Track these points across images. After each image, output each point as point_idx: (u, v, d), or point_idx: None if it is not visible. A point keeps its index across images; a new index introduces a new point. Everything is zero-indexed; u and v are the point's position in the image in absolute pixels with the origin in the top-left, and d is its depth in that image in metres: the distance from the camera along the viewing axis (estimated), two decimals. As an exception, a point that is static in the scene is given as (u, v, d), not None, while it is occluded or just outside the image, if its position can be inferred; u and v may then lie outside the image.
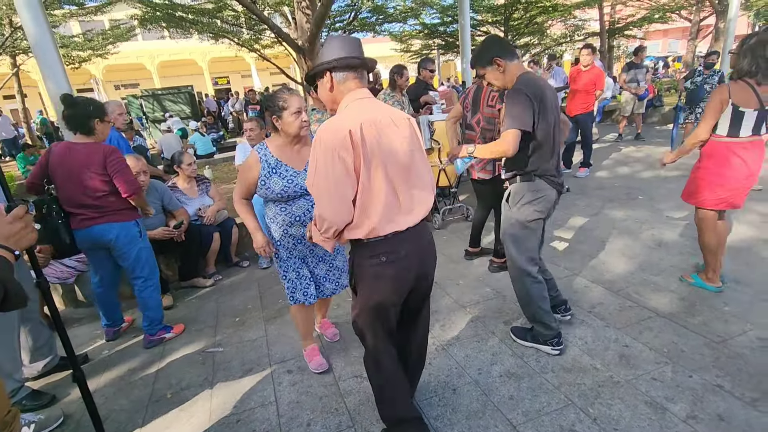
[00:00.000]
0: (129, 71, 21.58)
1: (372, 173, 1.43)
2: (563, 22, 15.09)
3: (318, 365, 2.36)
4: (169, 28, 10.60)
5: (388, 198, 1.46)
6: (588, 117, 5.59)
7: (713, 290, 2.71)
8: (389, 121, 1.48)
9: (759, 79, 2.31)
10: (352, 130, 1.37)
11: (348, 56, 1.49)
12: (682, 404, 1.87)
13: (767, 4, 15.13)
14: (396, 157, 1.47)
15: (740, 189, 2.54)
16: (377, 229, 1.47)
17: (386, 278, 1.53)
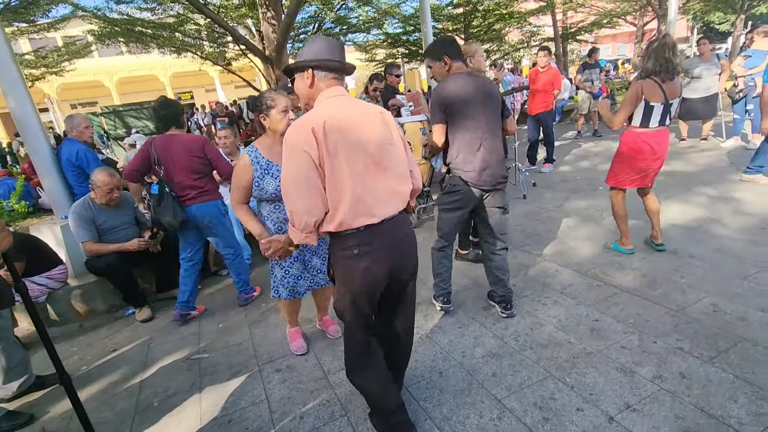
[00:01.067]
0: (86, 89, 20.77)
1: (336, 167, 1.45)
2: (520, 29, 15.75)
3: (298, 347, 2.53)
4: (128, 44, 10.37)
5: (356, 191, 1.47)
6: (549, 115, 5.89)
7: (627, 252, 3.21)
8: (359, 117, 1.51)
9: (663, 77, 2.70)
10: (314, 127, 1.41)
11: (332, 59, 1.55)
12: (649, 367, 2.03)
13: (702, 7, 16.37)
14: (364, 151, 1.49)
15: (651, 170, 3.01)
16: (346, 222, 1.48)
17: (358, 270, 1.55)
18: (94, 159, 3.59)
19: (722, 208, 3.81)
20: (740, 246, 3.09)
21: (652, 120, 2.82)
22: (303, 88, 1.61)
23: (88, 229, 3.13)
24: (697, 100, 6.04)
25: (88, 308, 3.45)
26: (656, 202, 3.18)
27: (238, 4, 9.67)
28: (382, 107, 1.64)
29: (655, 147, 2.89)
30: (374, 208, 1.52)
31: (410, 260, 1.72)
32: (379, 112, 1.61)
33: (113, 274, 3.21)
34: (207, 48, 11.20)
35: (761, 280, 2.62)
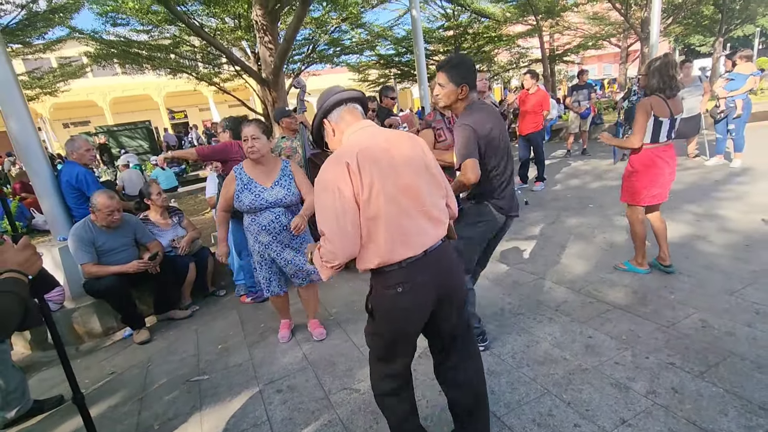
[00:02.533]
0: (79, 108, 20.82)
1: (373, 200, 1.39)
2: (509, 51, 16.24)
3: (281, 336, 2.97)
4: (123, 65, 10.50)
5: (394, 222, 1.41)
6: (539, 135, 6.06)
7: (643, 272, 3.20)
8: (387, 145, 1.46)
9: (668, 93, 2.83)
10: (348, 161, 1.37)
11: (329, 97, 1.57)
12: (642, 382, 2.09)
13: (682, 31, 17.03)
14: (400, 180, 1.43)
15: (666, 184, 3.04)
16: (386, 256, 1.42)
17: (401, 310, 1.48)
18: (94, 181, 3.62)
19: (708, 225, 3.93)
20: (726, 262, 3.20)
21: (662, 135, 2.89)
22: (334, 141, 1.61)
23: (87, 251, 3.15)
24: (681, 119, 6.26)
25: (85, 330, 3.44)
26: (663, 220, 3.20)
27: (233, 27, 9.88)
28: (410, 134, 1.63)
29: (668, 160, 2.97)
30: (414, 239, 1.45)
31: (458, 290, 1.61)
32: (409, 136, 1.58)
33: (112, 296, 3.21)
34: (202, 69, 11.37)
35: (747, 295, 2.72)
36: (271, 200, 2.56)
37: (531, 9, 13.37)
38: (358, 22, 11.87)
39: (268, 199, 2.55)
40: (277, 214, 2.59)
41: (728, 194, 4.73)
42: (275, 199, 2.57)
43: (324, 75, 17.30)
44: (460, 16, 14.36)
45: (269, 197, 2.55)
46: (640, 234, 3.16)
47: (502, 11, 14.63)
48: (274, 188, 2.58)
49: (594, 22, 16.48)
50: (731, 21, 15.85)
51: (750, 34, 25.92)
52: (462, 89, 2.13)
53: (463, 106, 2.20)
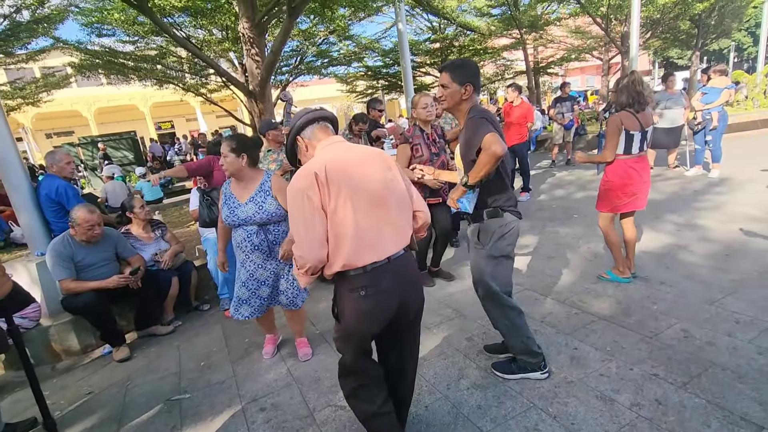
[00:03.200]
0: (62, 119, 20.51)
1: (340, 207, 1.49)
2: (494, 63, 16.53)
3: (266, 352, 2.92)
4: (108, 75, 10.40)
5: (360, 230, 1.51)
6: (524, 146, 6.15)
7: (625, 281, 3.25)
8: (357, 160, 1.59)
9: (636, 108, 2.97)
10: (317, 172, 1.48)
11: (301, 116, 1.70)
12: (627, 394, 2.10)
13: (661, 44, 17.57)
14: (366, 191, 1.54)
15: (642, 192, 3.14)
16: (351, 260, 1.51)
17: (365, 312, 1.57)
18: (75, 195, 3.55)
19: (689, 235, 4.01)
20: (706, 272, 3.25)
21: (633, 147, 3.03)
22: (305, 154, 1.73)
23: (65, 266, 3.07)
24: (662, 130, 6.44)
25: (63, 348, 3.34)
26: (635, 229, 3.32)
27: (221, 38, 9.88)
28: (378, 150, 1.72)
29: (641, 171, 3.09)
30: (378, 245, 1.55)
31: (414, 298, 1.72)
32: (379, 152, 1.69)
33: (91, 313, 3.13)
34: (189, 80, 11.32)
35: (727, 305, 2.76)
36: (243, 217, 2.49)
37: (515, 23, 13.68)
38: (346, 35, 11.98)
39: (239, 215, 2.50)
40: (249, 233, 2.51)
41: (707, 204, 4.84)
42: (246, 216, 2.48)
43: (312, 86, 17.39)
44: (446, 29, 14.60)
45: (241, 214, 2.49)
46: (615, 242, 3.26)
47: (487, 25, 14.94)
48: (247, 204, 2.50)
49: (576, 35, 16.93)
50: (707, 35, 16.42)
51: (725, 48, 26.88)
52: (466, 89, 2.06)
53: (467, 108, 2.10)
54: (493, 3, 14.65)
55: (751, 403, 1.92)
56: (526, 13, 13.97)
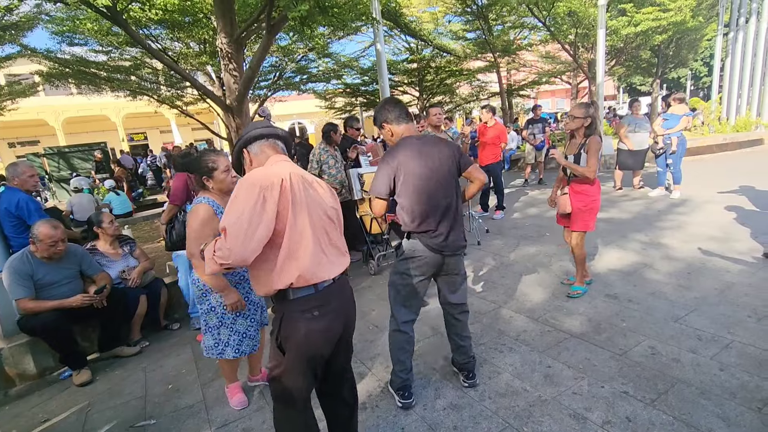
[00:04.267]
0: (27, 128, 19.65)
1: (299, 219, 1.48)
2: (469, 84, 17.03)
3: (239, 402, 2.49)
4: (79, 85, 10.09)
5: (315, 244, 1.52)
6: (497, 165, 6.31)
7: (586, 290, 3.49)
8: (311, 180, 1.64)
9: (600, 133, 3.12)
10: (284, 178, 1.47)
11: (251, 129, 1.68)
12: (599, 412, 2.14)
13: (624, 72, 18.57)
14: (321, 210, 1.58)
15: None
16: (306, 273, 1.48)
17: (319, 332, 1.53)
18: (37, 209, 3.39)
19: (653, 254, 4.18)
20: (671, 290, 3.39)
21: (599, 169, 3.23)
22: (249, 168, 1.68)
23: (24, 285, 2.91)
24: (627, 152, 6.76)
25: (17, 372, 3.13)
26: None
27: (198, 51, 9.79)
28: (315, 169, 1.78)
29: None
30: (328, 265, 1.57)
31: (354, 319, 1.78)
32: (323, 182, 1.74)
33: (49, 334, 2.96)
34: (164, 92, 11.11)
35: (690, 322, 2.88)
36: None
37: (489, 47, 14.20)
38: (325, 52, 12.10)
39: None
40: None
41: (670, 224, 5.07)
42: None
43: (291, 101, 17.40)
44: (423, 51, 14.99)
45: None
46: (584, 257, 3.49)
47: (462, 47, 15.44)
48: None
49: (546, 60, 17.70)
50: (666, 64, 17.47)
51: (683, 76, 28.63)
52: (382, 126, 2.28)
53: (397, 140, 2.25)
54: (468, 27, 15.19)
55: (715, 420, 1.99)
56: (499, 38, 14.54)
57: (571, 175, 3.30)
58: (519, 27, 14.98)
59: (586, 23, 11.86)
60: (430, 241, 2.19)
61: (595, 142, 3.16)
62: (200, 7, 7.70)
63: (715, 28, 13.95)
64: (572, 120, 3.24)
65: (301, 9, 4.59)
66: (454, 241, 2.23)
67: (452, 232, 2.22)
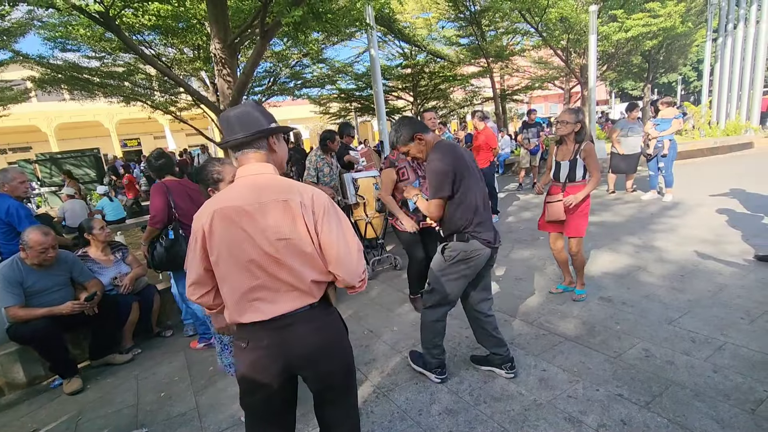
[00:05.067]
0: (19, 134, 19.51)
1: (220, 262, 1.38)
2: (463, 89, 17.15)
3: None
4: (72, 91, 10.04)
5: (242, 287, 1.37)
6: (490, 170, 6.34)
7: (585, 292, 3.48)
8: (256, 208, 1.35)
9: (592, 138, 3.27)
10: (204, 224, 1.37)
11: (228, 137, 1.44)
12: (594, 415, 2.13)
13: (616, 76, 18.80)
14: (255, 245, 1.35)
15: None
16: (232, 316, 1.41)
17: (246, 364, 1.44)
18: (27, 216, 3.35)
19: (647, 257, 4.21)
20: (664, 292, 3.41)
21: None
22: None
23: (13, 292, 2.87)
24: (620, 156, 6.83)
25: (6, 381, 3.08)
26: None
27: (192, 57, 9.78)
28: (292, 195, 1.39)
29: None
30: (263, 304, 1.38)
31: (329, 362, 1.49)
32: (288, 200, 1.37)
33: (39, 342, 2.91)
34: (158, 97, 11.08)
35: (684, 324, 2.89)
36: None
37: (482, 52, 14.32)
38: (319, 58, 12.14)
39: None
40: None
41: (663, 227, 5.11)
42: None
43: (285, 106, 17.39)
44: (417, 56, 15.08)
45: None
46: (584, 261, 3.50)
47: (456, 53, 15.57)
48: None
49: (539, 66, 17.89)
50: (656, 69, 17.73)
51: (673, 81, 29.03)
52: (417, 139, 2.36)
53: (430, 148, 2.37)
54: (461, 33, 15.32)
55: (709, 422, 1.99)
56: (493, 44, 14.67)
57: (566, 181, 3.31)
58: (512, 33, 15.14)
59: (577, 29, 12.00)
60: (486, 236, 2.32)
61: (592, 148, 3.22)
62: (194, 12, 7.70)
63: (704, 34, 14.19)
64: (564, 125, 3.25)
65: (294, 15, 4.61)
66: (497, 233, 2.43)
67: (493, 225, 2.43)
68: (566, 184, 3.32)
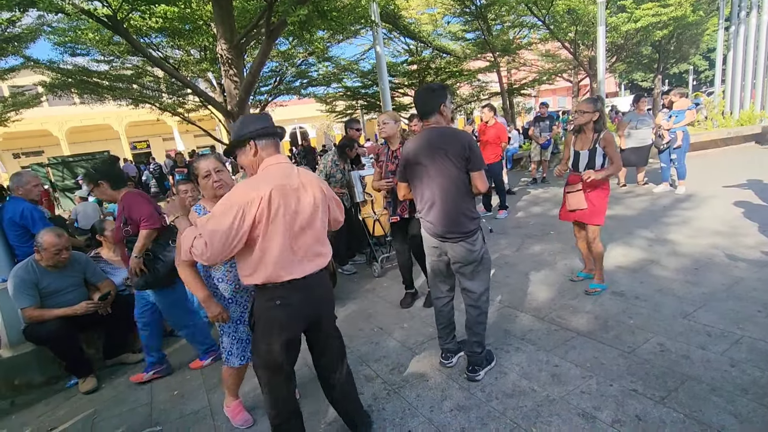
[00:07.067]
0: (32, 138, 19.82)
1: (271, 232, 1.66)
2: (470, 84, 17.01)
3: (243, 421, 2.38)
4: (82, 95, 10.17)
5: (284, 252, 1.69)
6: (498, 165, 6.29)
7: (606, 286, 3.42)
8: (298, 185, 1.75)
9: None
10: (263, 196, 1.62)
11: (268, 126, 1.78)
12: (608, 411, 2.11)
13: (626, 68, 18.50)
14: (299, 216, 1.73)
15: None
16: (272, 277, 1.69)
17: (277, 320, 1.74)
18: (41, 218, 3.41)
19: (660, 250, 4.14)
20: (678, 286, 3.35)
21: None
22: (247, 159, 1.78)
23: (29, 294, 2.92)
24: (630, 149, 6.72)
25: (24, 381, 3.14)
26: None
27: (199, 58, 9.84)
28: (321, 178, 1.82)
29: None
30: (299, 266, 1.74)
31: (327, 311, 1.95)
32: (316, 180, 1.87)
33: (55, 342, 2.96)
34: (166, 99, 11.17)
35: (699, 318, 2.84)
36: None
37: (489, 47, 14.17)
38: (325, 56, 12.13)
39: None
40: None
41: (675, 219, 5.02)
42: None
43: (291, 106, 17.45)
44: (423, 52, 14.99)
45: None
46: (602, 252, 3.42)
47: (462, 48, 15.42)
48: None
49: (547, 59, 17.65)
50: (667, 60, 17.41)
51: (684, 71, 28.49)
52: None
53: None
54: (467, 28, 15.17)
55: (727, 416, 1.96)
56: (499, 38, 14.51)
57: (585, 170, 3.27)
58: (518, 26, 14.94)
59: (585, 20, 11.81)
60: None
61: (611, 137, 3.20)
62: (200, 14, 7.73)
63: (716, 23, 13.87)
64: (581, 115, 3.22)
65: (300, 13, 4.61)
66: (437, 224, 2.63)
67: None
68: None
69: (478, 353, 2.50)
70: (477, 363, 2.50)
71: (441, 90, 2.41)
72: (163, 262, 2.78)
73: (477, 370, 2.50)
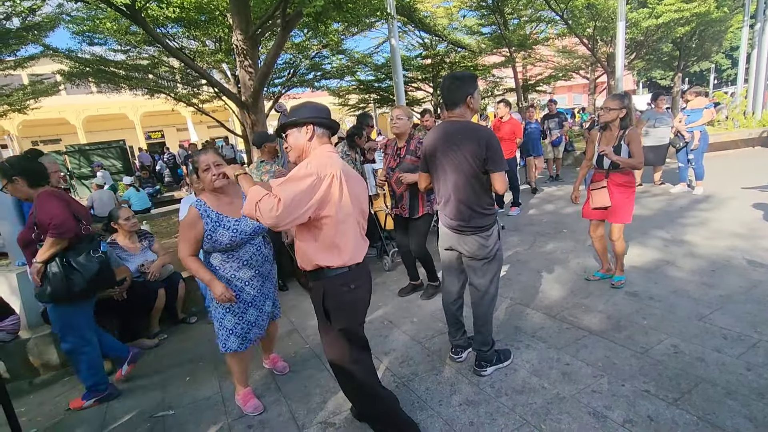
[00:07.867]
0: (50, 126, 20.20)
1: (343, 210, 1.73)
2: (484, 79, 16.84)
3: (255, 407, 2.41)
4: (99, 84, 10.31)
5: (355, 233, 1.80)
6: (512, 162, 6.23)
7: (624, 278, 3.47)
8: (351, 174, 1.83)
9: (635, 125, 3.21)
10: (334, 174, 1.69)
11: (330, 119, 1.86)
12: (619, 411, 2.09)
13: (645, 66, 18.12)
14: (360, 202, 1.85)
15: None
16: (354, 257, 1.79)
17: (357, 302, 1.86)
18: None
19: (676, 251, 4.07)
20: (694, 287, 3.29)
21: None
22: (301, 141, 1.81)
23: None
24: (648, 147, 6.58)
25: (42, 362, 3.22)
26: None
27: (214, 49, 9.89)
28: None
29: None
30: (361, 250, 1.87)
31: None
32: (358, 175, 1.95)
33: (72, 325, 3.02)
34: (181, 90, 11.27)
35: (715, 320, 2.79)
36: (250, 231, 2.24)
37: (504, 42, 14.00)
38: (339, 49, 12.09)
39: (246, 231, 2.22)
40: (257, 246, 2.32)
41: (692, 220, 4.93)
42: (253, 229, 2.25)
43: (304, 98, 17.47)
44: (438, 46, 14.87)
45: (247, 229, 2.22)
46: (624, 249, 3.49)
47: (477, 42, 15.26)
48: (245, 218, 2.23)
49: (563, 55, 17.38)
50: (688, 58, 17.00)
51: (705, 70, 27.81)
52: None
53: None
54: (483, 22, 15.00)
55: (742, 420, 1.93)
56: (515, 33, 14.31)
57: (610, 168, 3.23)
58: (535, 21, 14.75)
59: (605, 16, 11.59)
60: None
61: (636, 134, 3.15)
62: (216, 4, 7.77)
63: (741, 19, 13.48)
64: (607, 112, 3.17)
65: (315, 5, 4.60)
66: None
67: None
68: (610, 171, 3.24)
69: (484, 351, 2.49)
70: (485, 359, 2.50)
71: (470, 79, 2.28)
72: (81, 273, 2.41)
73: (484, 365, 2.49)
